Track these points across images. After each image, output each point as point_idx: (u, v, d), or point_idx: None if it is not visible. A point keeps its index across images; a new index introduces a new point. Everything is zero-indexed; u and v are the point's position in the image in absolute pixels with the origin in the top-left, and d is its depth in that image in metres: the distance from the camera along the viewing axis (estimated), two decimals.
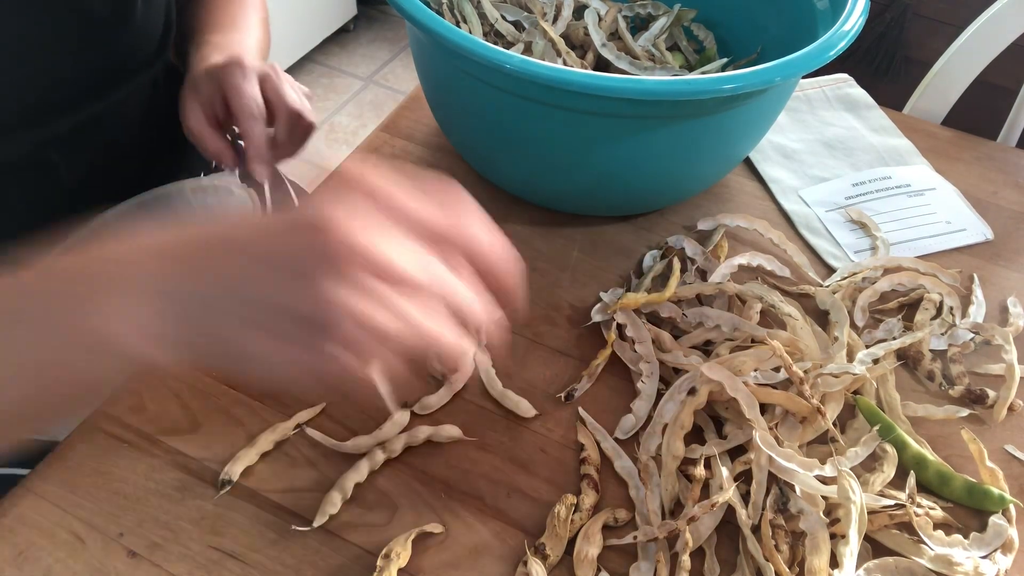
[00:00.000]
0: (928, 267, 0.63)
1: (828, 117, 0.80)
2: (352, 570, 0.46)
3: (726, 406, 0.53)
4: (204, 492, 0.49)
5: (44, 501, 0.48)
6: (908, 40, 1.77)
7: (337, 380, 0.32)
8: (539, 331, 0.59)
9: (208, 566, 0.46)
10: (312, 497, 0.49)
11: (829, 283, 0.63)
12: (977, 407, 0.55)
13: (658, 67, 0.69)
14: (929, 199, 0.71)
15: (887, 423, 0.51)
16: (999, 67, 0.86)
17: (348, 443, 0.51)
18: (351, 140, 2.06)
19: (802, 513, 0.46)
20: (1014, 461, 0.53)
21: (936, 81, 0.86)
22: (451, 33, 0.52)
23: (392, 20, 2.46)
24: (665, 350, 0.56)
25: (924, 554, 0.46)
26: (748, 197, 0.72)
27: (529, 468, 0.51)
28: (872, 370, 0.54)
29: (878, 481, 0.48)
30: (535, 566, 0.45)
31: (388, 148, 0.73)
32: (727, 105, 0.55)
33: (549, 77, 0.50)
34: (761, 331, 0.54)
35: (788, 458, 0.47)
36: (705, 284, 0.59)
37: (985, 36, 0.83)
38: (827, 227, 0.68)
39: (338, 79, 2.25)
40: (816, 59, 0.53)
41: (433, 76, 0.64)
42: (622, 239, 0.67)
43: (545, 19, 0.71)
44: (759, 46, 0.71)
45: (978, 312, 0.61)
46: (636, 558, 0.47)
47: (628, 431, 0.53)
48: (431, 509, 0.49)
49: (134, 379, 0.54)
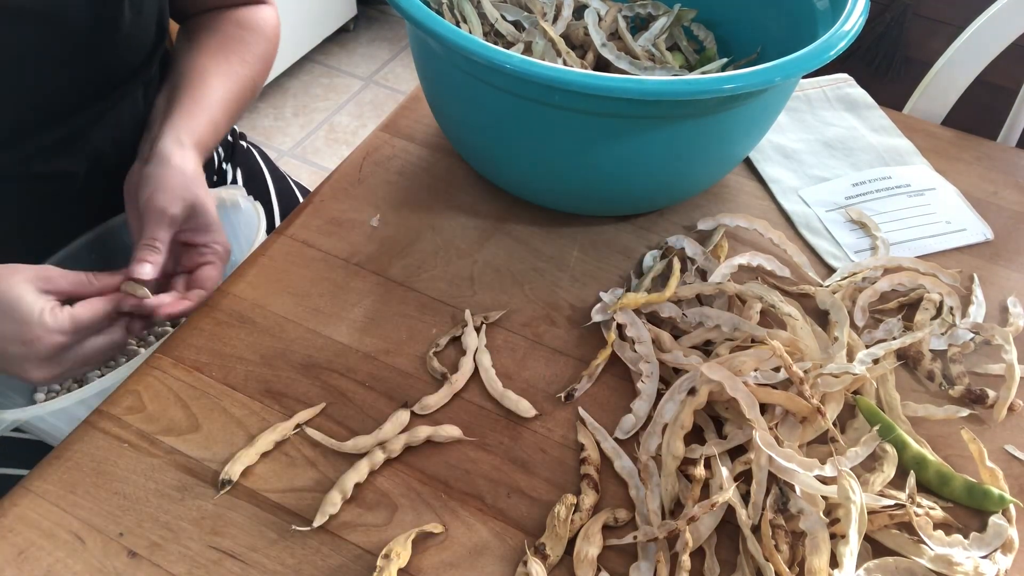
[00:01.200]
0: (928, 267, 0.63)
1: (828, 117, 0.80)
2: (352, 570, 0.46)
3: (726, 406, 0.53)
4: (204, 492, 0.49)
5: (44, 501, 0.48)
6: (908, 40, 1.76)
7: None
8: (539, 331, 0.59)
9: (208, 566, 0.46)
10: (312, 497, 0.49)
11: (829, 283, 0.63)
12: (977, 407, 0.55)
13: (658, 67, 0.69)
14: (929, 199, 0.71)
15: (887, 423, 0.51)
16: (999, 67, 0.86)
17: (348, 443, 0.51)
18: (351, 140, 2.06)
19: (802, 513, 0.46)
20: (1014, 461, 0.53)
21: (936, 81, 0.86)
22: (451, 33, 0.52)
23: (392, 20, 2.46)
24: (665, 350, 0.56)
25: (924, 554, 0.46)
26: (748, 197, 0.72)
27: (529, 468, 0.51)
28: (872, 370, 0.54)
29: (878, 481, 0.48)
30: (535, 566, 0.45)
31: (388, 148, 0.73)
32: (727, 105, 0.55)
33: (549, 77, 0.50)
34: (761, 331, 0.54)
35: (788, 458, 0.47)
36: (705, 284, 0.59)
37: (985, 36, 0.83)
38: (827, 227, 0.68)
39: (338, 79, 2.25)
40: (816, 59, 0.53)
41: (433, 76, 0.64)
42: (622, 239, 0.67)
43: (545, 19, 0.71)
44: (759, 46, 0.71)
45: (978, 312, 0.61)
46: (636, 558, 0.47)
47: (628, 431, 0.53)
48: (431, 509, 0.49)
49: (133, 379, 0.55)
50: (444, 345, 0.58)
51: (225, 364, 0.56)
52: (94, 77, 0.64)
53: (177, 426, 0.52)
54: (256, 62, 0.74)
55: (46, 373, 0.54)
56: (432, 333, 0.59)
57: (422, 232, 0.66)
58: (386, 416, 0.53)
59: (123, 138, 0.68)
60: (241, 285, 0.61)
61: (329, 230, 0.66)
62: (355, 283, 0.62)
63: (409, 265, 0.64)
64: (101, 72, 0.64)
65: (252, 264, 0.63)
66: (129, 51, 0.65)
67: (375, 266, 0.63)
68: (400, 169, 0.72)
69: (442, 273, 0.63)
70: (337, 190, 0.69)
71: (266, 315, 0.59)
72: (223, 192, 0.73)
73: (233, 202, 0.73)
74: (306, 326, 0.59)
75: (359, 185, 0.70)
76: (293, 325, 0.59)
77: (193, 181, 0.61)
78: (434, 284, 0.62)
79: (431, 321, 0.60)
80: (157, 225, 0.59)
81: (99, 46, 0.62)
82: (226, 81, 0.70)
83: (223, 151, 0.86)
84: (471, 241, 0.66)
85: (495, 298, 0.61)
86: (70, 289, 0.56)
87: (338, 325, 0.59)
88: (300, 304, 0.60)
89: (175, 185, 0.60)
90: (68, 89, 0.62)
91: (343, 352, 0.57)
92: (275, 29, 0.77)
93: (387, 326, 0.59)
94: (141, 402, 0.53)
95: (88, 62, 0.62)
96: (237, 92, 0.71)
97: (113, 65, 0.65)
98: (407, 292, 0.62)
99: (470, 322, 0.59)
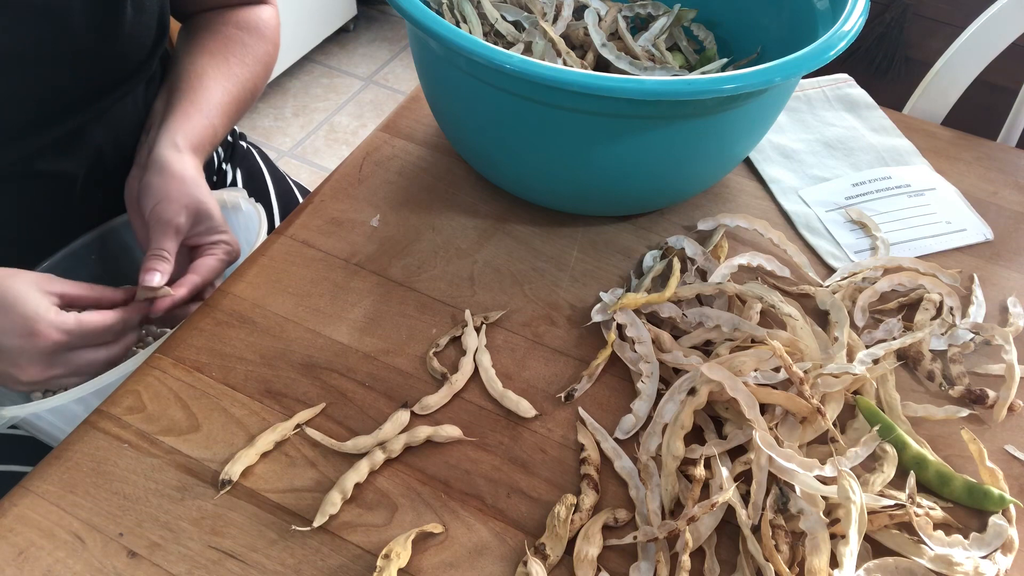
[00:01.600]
0: (928, 267, 0.63)
1: (828, 117, 0.80)
2: (352, 570, 0.46)
3: (726, 406, 0.53)
4: (204, 492, 0.49)
5: (44, 501, 0.48)
6: (908, 40, 1.76)
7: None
8: (539, 331, 0.59)
9: (208, 566, 0.46)
10: (312, 497, 0.49)
11: (829, 283, 0.63)
12: (977, 407, 0.55)
13: (658, 67, 0.69)
14: (929, 199, 0.71)
15: (887, 423, 0.51)
16: (999, 67, 0.86)
17: (348, 443, 0.51)
18: (351, 140, 2.06)
19: (802, 513, 0.46)
20: (1014, 461, 0.53)
21: (936, 81, 0.86)
22: (451, 33, 0.52)
23: (392, 20, 2.46)
24: (665, 350, 0.56)
25: (924, 554, 0.46)
26: (748, 197, 0.72)
27: (529, 468, 0.51)
28: (872, 370, 0.54)
29: (878, 481, 0.48)
30: (535, 566, 0.45)
31: (388, 148, 0.73)
32: (727, 105, 0.55)
33: (549, 77, 0.50)
34: (761, 331, 0.54)
35: (788, 458, 0.47)
36: (705, 284, 0.59)
37: (985, 36, 0.83)
38: (827, 227, 0.68)
39: (338, 79, 2.25)
40: (816, 59, 0.53)
41: (433, 76, 0.64)
42: (622, 239, 0.67)
43: (545, 19, 0.71)
44: (759, 46, 0.71)
45: (978, 312, 0.61)
46: (636, 558, 0.47)
47: (628, 431, 0.53)
48: (431, 509, 0.49)
49: (133, 379, 0.55)
50: (444, 345, 0.58)
51: (225, 364, 0.56)
52: (95, 76, 0.63)
53: (177, 426, 0.52)
54: (255, 64, 0.73)
55: (38, 373, 0.54)
56: (432, 333, 0.59)
57: (422, 232, 0.66)
58: (386, 416, 0.53)
59: (123, 138, 0.68)
60: (241, 285, 0.61)
61: (329, 230, 0.66)
62: (355, 283, 0.62)
63: (409, 265, 0.64)
64: (102, 71, 0.64)
65: (252, 264, 0.63)
66: (130, 50, 0.65)
67: (375, 266, 0.63)
68: (400, 169, 0.72)
69: (442, 273, 0.63)
70: (337, 190, 0.69)
71: (266, 315, 0.59)
72: (224, 194, 0.73)
73: (234, 204, 0.73)
74: (306, 326, 0.59)
75: (359, 185, 0.70)
76: (293, 325, 0.59)
77: (194, 186, 0.61)
78: (434, 284, 0.62)
79: (431, 321, 0.60)
80: (164, 236, 0.59)
81: (101, 46, 0.62)
82: (224, 83, 0.70)
83: (223, 151, 0.86)
84: (471, 241, 0.66)
85: (495, 298, 0.61)
86: (72, 292, 0.56)
87: (338, 325, 0.59)
88: (300, 304, 0.60)
89: (178, 195, 0.60)
90: (69, 88, 0.62)
91: (343, 352, 0.57)
92: (275, 31, 0.77)
93: (387, 326, 0.59)
94: (141, 402, 0.53)
95: (89, 61, 0.62)
96: (236, 94, 0.71)
97: (114, 64, 0.64)
98: (407, 292, 0.62)
99: (470, 322, 0.59)
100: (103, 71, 0.64)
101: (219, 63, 0.70)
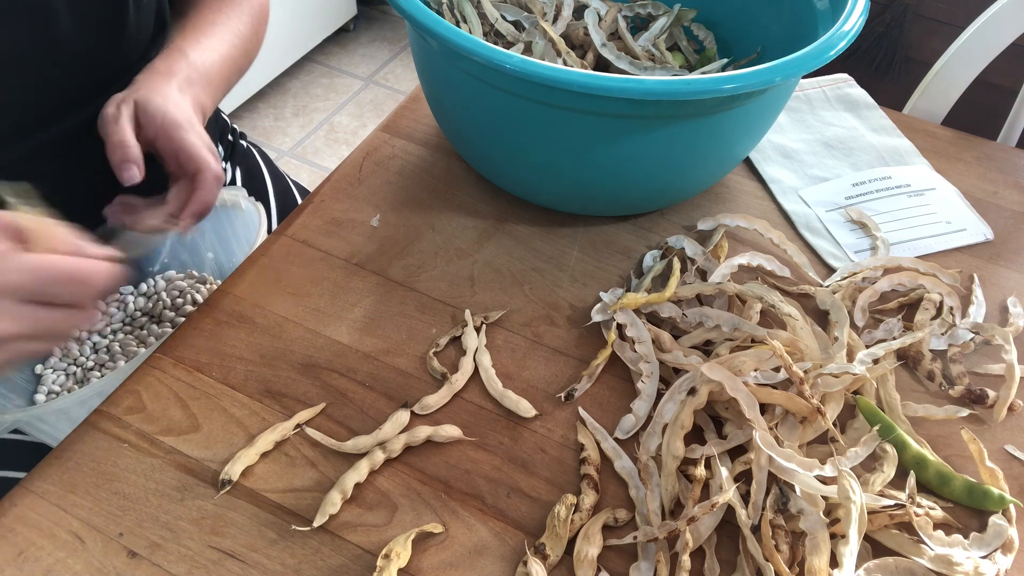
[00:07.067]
0: (928, 267, 0.63)
1: (828, 117, 0.80)
2: (352, 570, 0.46)
3: (726, 406, 0.53)
4: (204, 492, 0.49)
5: (44, 501, 0.48)
6: (908, 40, 1.76)
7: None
8: (539, 331, 0.59)
9: (208, 566, 0.46)
10: (312, 497, 0.49)
11: (829, 283, 0.63)
12: (977, 407, 0.55)
13: (658, 67, 0.69)
14: (929, 199, 0.71)
15: (887, 423, 0.51)
16: (999, 67, 0.86)
17: (348, 443, 0.51)
18: (351, 140, 2.06)
19: (802, 513, 0.46)
20: (1014, 461, 0.53)
21: (936, 81, 0.86)
22: (451, 33, 0.52)
23: (392, 20, 2.46)
24: (665, 350, 0.56)
25: (924, 554, 0.46)
26: (748, 197, 0.72)
27: (529, 468, 0.51)
28: (872, 370, 0.54)
29: (878, 481, 0.48)
30: (535, 566, 0.45)
31: (388, 148, 0.73)
32: (727, 105, 0.55)
33: (549, 77, 0.50)
34: (761, 331, 0.54)
35: (788, 458, 0.47)
36: (705, 284, 0.59)
37: (985, 36, 0.83)
38: (827, 227, 0.68)
39: (338, 79, 2.25)
40: (816, 59, 0.53)
41: (433, 76, 0.64)
42: (622, 239, 0.67)
43: (545, 19, 0.71)
44: (759, 46, 0.71)
45: (978, 312, 0.61)
46: (636, 558, 0.47)
47: (628, 431, 0.53)
48: (431, 509, 0.49)
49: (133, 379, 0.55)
50: (444, 345, 0.58)
51: (225, 364, 0.56)
52: (96, 76, 0.64)
53: (177, 426, 0.52)
54: (250, 20, 0.73)
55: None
56: (432, 333, 0.59)
57: (422, 232, 0.66)
58: (386, 416, 0.53)
59: None
60: (241, 285, 0.61)
61: (329, 230, 0.66)
62: (355, 283, 0.62)
63: (409, 265, 0.64)
64: (103, 71, 0.64)
65: (252, 264, 0.63)
66: (131, 48, 0.65)
67: (375, 266, 0.63)
68: (400, 169, 0.72)
69: (442, 273, 0.63)
70: (337, 190, 0.69)
71: (266, 315, 0.59)
72: (224, 194, 0.73)
73: (234, 203, 0.73)
74: (306, 326, 0.59)
75: (359, 185, 0.70)
76: (293, 325, 0.59)
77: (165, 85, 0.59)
78: (434, 284, 0.62)
79: (431, 321, 0.60)
80: (113, 122, 0.57)
81: (102, 46, 0.62)
82: (226, 34, 0.69)
83: (223, 150, 0.86)
84: (471, 241, 0.66)
85: (495, 298, 0.61)
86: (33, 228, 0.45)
87: (338, 325, 0.59)
88: (300, 304, 0.60)
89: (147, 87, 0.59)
90: (70, 88, 0.62)
91: (343, 352, 0.57)
92: (264, 6, 0.77)
93: (387, 326, 0.59)
94: (141, 402, 0.53)
95: (91, 61, 0.62)
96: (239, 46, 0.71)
97: (115, 63, 0.65)
98: (407, 292, 0.62)
99: (470, 322, 0.59)
100: (103, 71, 0.64)
101: (217, 12, 0.70)
